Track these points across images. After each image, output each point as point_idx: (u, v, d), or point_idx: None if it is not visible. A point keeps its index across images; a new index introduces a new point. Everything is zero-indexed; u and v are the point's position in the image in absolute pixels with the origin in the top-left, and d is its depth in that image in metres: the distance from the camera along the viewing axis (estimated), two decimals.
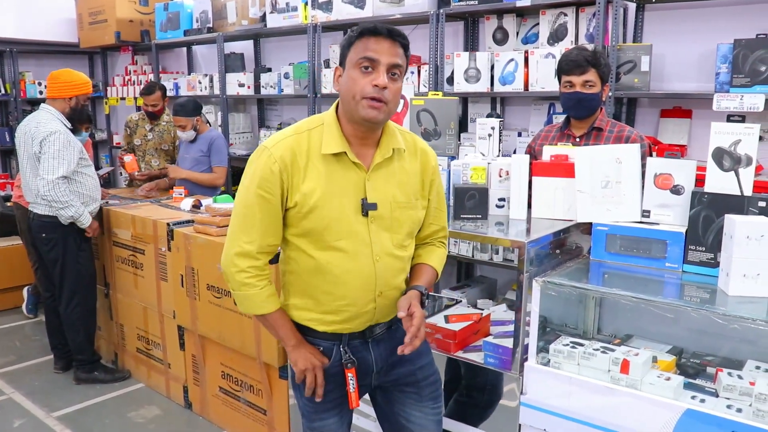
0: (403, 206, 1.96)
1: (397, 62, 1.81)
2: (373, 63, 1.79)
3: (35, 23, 7.13)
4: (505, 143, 4.23)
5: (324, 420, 2.08)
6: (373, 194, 1.90)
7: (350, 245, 1.89)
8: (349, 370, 1.98)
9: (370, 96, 1.79)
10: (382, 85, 1.78)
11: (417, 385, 2.13)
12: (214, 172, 4.85)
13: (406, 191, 1.97)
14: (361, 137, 1.91)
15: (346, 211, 1.87)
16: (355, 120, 1.86)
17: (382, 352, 2.06)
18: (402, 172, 1.97)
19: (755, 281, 2.09)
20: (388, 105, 1.82)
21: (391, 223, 1.93)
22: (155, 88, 5.29)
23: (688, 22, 3.81)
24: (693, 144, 3.82)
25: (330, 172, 1.87)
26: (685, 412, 2.00)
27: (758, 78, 3.21)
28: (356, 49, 1.82)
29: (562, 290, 2.32)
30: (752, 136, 2.22)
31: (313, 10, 5.12)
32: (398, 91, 1.85)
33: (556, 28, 4.08)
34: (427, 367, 2.15)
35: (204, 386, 3.78)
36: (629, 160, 2.50)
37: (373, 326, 2.03)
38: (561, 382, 2.25)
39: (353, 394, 1.99)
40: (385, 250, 1.93)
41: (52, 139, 3.87)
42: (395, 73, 1.82)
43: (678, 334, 2.47)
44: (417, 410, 2.13)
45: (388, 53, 1.80)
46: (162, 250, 3.83)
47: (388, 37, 1.81)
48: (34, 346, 4.97)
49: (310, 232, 1.89)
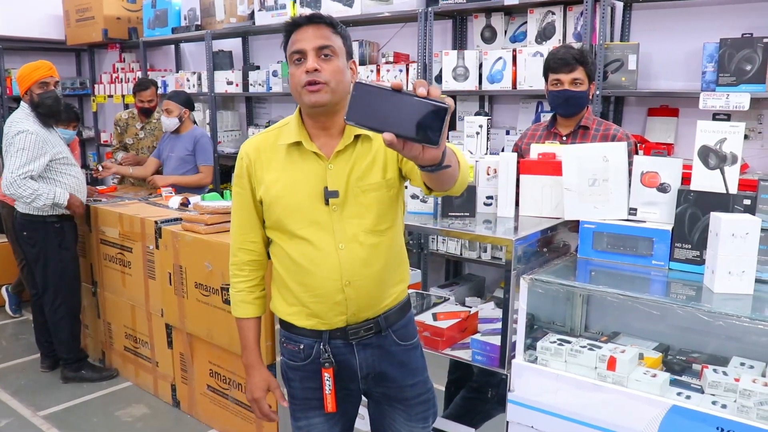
0: (369, 189, 1.89)
1: (324, 43, 1.80)
2: (302, 53, 1.80)
3: (22, 20, 7.08)
4: (493, 141, 4.24)
5: (310, 419, 2.06)
6: (334, 182, 1.87)
7: (313, 234, 1.88)
8: (326, 370, 1.94)
9: (305, 82, 1.79)
10: (312, 68, 1.78)
11: (406, 402, 2.07)
12: (201, 172, 4.83)
13: (373, 173, 1.90)
14: (321, 128, 1.90)
15: (307, 200, 1.88)
16: (307, 112, 1.89)
17: (368, 358, 1.98)
18: (367, 155, 1.90)
19: (740, 278, 2.10)
20: (328, 85, 1.80)
21: (358, 209, 1.89)
22: (149, 84, 5.25)
23: (675, 21, 3.83)
24: (680, 142, 3.85)
25: (290, 162, 1.90)
26: (671, 408, 2.02)
27: (744, 77, 3.24)
28: (289, 47, 1.85)
29: (550, 288, 2.33)
30: (737, 134, 2.24)
31: (302, 7, 5.11)
32: (337, 69, 1.82)
33: (544, 26, 4.10)
34: (418, 386, 2.08)
35: (192, 384, 3.77)
36: (616, 158, 2.51)
37: (353, 324, 1.95)
38: (548, 379, 2.26)
39: (329, 396, 1.95)
40: (351, 237, 1.88)
41: (18, 138, 3.82)
42: (327, 54, 1.81)
43: (664, 331, 2.49)
44: (405, 428, 2.09)
45: (312, 38, 1.80)
46: (150, 248, 3.82)
47: (309, 23, 1.82)
48: (20, 345, 4.94)
49: (276, 222, 1.92)
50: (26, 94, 4.00)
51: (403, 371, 2.03)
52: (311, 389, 2.01)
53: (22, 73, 4.04)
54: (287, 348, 2.03)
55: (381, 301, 1.96)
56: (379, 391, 2.05)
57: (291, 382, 2.06)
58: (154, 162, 4.98)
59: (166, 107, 4.73)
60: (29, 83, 3.99)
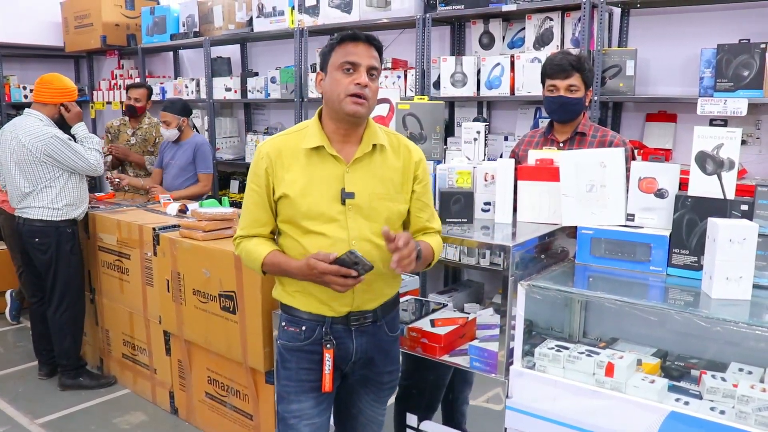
0: (382, 197, 2.11)
1: (374, 64, 2.04)
2: (354, 65, 2.01)
3: (20, 27, 7.08)
4: (491, 147, 4.25)
5: (301, 402, 2.18)
6: (351, 185, 2.07)
7: (328, 230, 2.06)
8: (327, 351, 2.11)
9: (353, 93, 2.00)
10: (364, 83, 2.00)
11: (381, 386, 2.31)
12: (200, 180, 4.84)
13: (386, 185, 2.13)
14: (343, 134, 2.10)
15: (325, 199, 2.06)
16: (340, 117, 2.06)
17: (363, 344, 2.18)
18: (383, 166, 2.13)
19: (738, 284, 2.10)
20: (369, 101, 2.03)
21: (369, 212, 2.09)
22: (142, 85, 5.35)
23: (673, 27, 3.84)
24: (678, 148, 3.85)
25: (310, 164, 2.08)
26: (669, 414, 2.01)
27: (741, 82, 3.24)
28: (337, 54, 2.03)
29: (548, 294, 2.33)
30: (735, 140, 2.24)
31: (300, 14, 5.13)
32: (377, 90, 2.08)
33: (542, 32, 4.10)
34: (394, 373, 2.34)
35: (190, 391, 3.76)
36: (614, 164, 2.51)
37: (355, 313, 2.14)
38: (546, 385, 2.26)
39: (328, 375, 2.11)
40: (363, 236, 2.07)
41: (55, 143, 3.90)
42: (373, 74, 2.04)
43: (662, 337, 2.49)
44: (370, 409, 2.34)
45: (366, 56, 2.02)
46: (148, 255, 3.81)
47: (366, 41, 2.04)
48: (18, 352, 4.92)
49: (292, 218, 2.08)
50: (56, 105, 4.06)
51: (385, 359, 2.27)
52: (305, 370, 2.16)
53: (67, 86, 4.13)
54: (287, 330, 2.19)
55: (382, 295, 2.20)
56: (360, 373, 2.25)
57: (287, 363, 2.20)
58: (158, 172, 4.99)
59: (164, 119, 4.75)
60: (70, 99, 4.12)
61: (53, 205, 3.99)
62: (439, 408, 2.61)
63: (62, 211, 4.02)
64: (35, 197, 3.97)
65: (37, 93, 4.07)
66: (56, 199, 4.00)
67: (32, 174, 3.94)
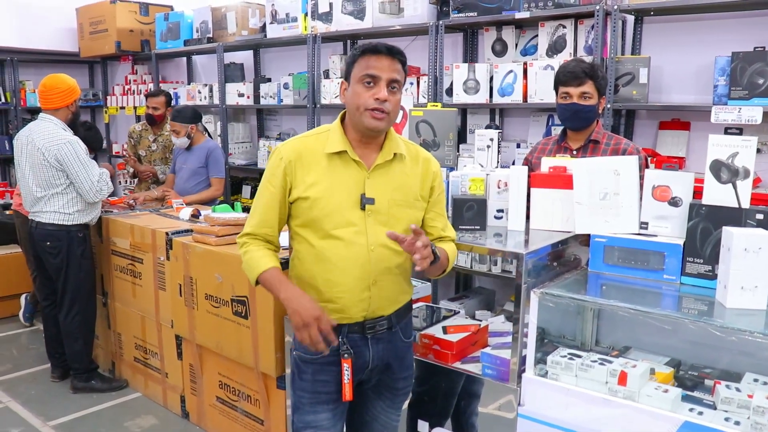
0: (401, 204, 2.12)
1: (396, 77, 2.02)
2: (374, 79, 2.00)
3: (36, 32, 7.16)
4: (504, 154, 4.24)
5: (318, 414, 2.17)
6: (371, 191, 2.08)
7: (347, 234, 2.05)
8: (345, 361, 2.09)
9: (372, 107, 1.99)
10: (383, 98, 1.99)
11: (395, 392, 2.32)
12: (212, 185, 4.88)
13: (405, 192, 2.14)
14: (363, 142, 2.11)
15: (345, 203, 2.06)
16: (360, 129, 2.07)
17: (379, 351, 2.19)
18: (402, 174, 2.14)
19: (753, 293, 2.09)
20: (389, 115, 2.03)
21: (388, 219, 2.09)
22: (160, 93, 5.40)
23: (687, 34, 3.83)
24: (691, 156, 3.83)
25: (332, 168, 2.07)
26: (683, 424, 2.00)
27: (756, 90, 3.22)
28: (359, 65, 2.03)
29: (560, 302, 2.32)
30: (750, 148, 2.23)
31: (313, 21, 5.14)
32: (398, 103, 2.06)
33: (554, 40, 4.10)
34: (408, 379, 2.36)
35: (201, 396, 3.77)
36: (627, 172, 2.50)
37: (371, 320, 2.14)
38: (559, 393, 2.25)
39: (347, 385, 2.09)
40: (381, 241, 2.07)
41: (68, 148, 3.92)
42: (394, 87, 2.03)
43: (676, 346, 2.47)
44: (384, 415, 2.33)
45: (387, 69, 2.00)
46: (160, 259, 3.83)
47: (388, 54, 2.01)
48: (31, 355, 4.95)
49: (311, 221, 2.07)
50: (67, 107, 4.09)
51: (401, 364, 2.28)
52: (322, 382, 2.15)
53: (70, 84, 4.12)
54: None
55: (396, 301, 2.21)
56: (375, 379, 2.26)
57: (303, 375, 2.18)
58: (171, 178, 5.06)
59: (173, 128, 4.80)
60: (76, 95, 4.14)
61: (65, 210, 4.02)
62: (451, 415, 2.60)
63: (74, 216, 4.05)
64: (47, 202, 4.00)
65: (46, 100, 4.07)
66: (68, 204, 4.02)
67: (44, 179, 3.97)
